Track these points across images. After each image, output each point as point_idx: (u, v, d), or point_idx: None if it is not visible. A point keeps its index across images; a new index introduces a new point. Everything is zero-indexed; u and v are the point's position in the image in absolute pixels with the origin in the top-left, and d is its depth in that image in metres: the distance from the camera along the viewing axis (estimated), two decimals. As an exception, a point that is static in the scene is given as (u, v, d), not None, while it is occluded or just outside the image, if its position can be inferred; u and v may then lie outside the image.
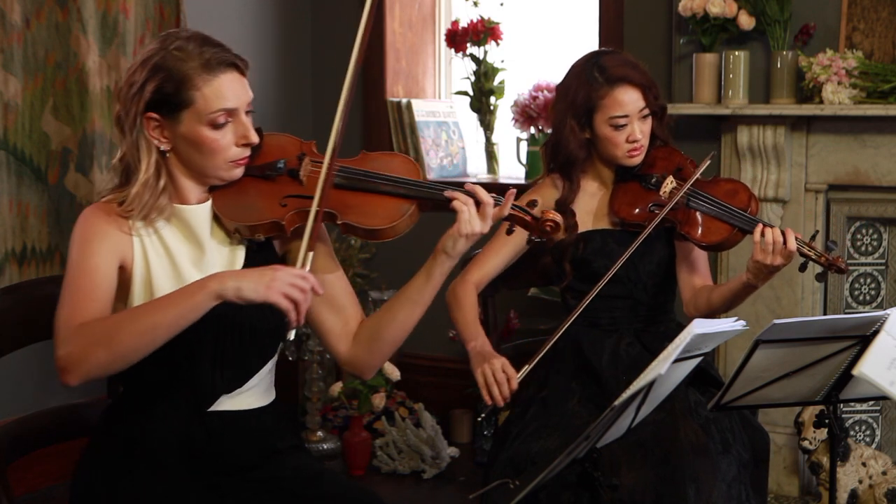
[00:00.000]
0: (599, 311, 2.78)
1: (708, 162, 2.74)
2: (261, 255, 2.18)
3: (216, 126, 2.07)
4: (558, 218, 2.14)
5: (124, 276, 2.10)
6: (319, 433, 4.31)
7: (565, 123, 2.77)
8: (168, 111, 2.06)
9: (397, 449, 4.14)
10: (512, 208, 2.12)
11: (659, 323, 2.83)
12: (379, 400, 4.16)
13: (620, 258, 2.68)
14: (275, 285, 1.94)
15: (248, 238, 2.14)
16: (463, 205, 2.08)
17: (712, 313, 2.80)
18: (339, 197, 2.12)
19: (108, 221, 2.09)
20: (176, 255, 2.12)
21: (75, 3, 3.85)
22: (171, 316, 1.96)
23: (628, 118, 2.73)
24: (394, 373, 4.20)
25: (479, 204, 2.09)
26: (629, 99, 2.72)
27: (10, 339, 2.28)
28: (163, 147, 2.09)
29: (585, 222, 2.81)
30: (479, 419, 2.80)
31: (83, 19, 3.87)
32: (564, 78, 2.83)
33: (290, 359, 4.29)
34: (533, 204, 2.16)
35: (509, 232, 2.23)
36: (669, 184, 2.76)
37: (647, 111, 2.76)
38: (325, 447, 4.29)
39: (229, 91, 2.07)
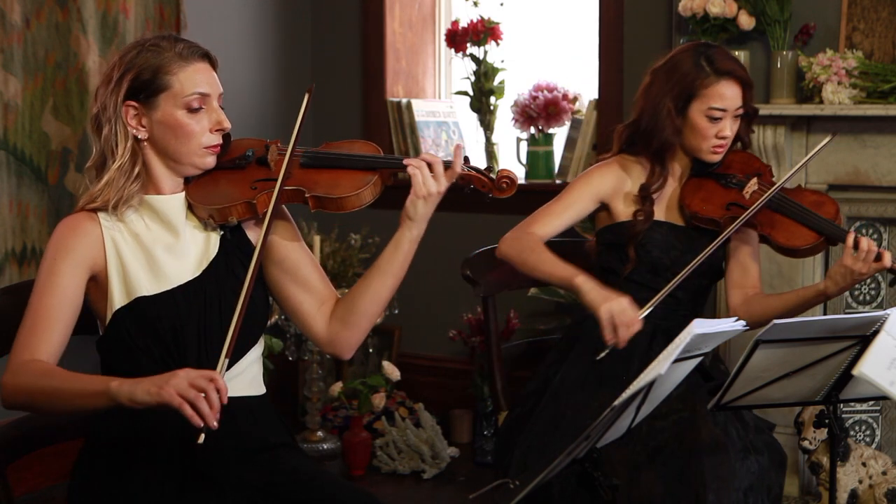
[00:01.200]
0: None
1: (828, 140, 2.76)
2: (234, 243, 2.25)
3: (191, 110, 2.17)
4: (513, 175, 2.25)
5: (100, 280, 2.17)
6: (319, 433, 4.31)
7: (663, 105, 2.76)
8: (146, 97, 2.16)
9: (397, 449, 4.14)
10: (468, 169, 2.25)
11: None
12: (379, 400, 4.16)
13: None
14: (170, 384, 1.92)
15: (221, 223, 2.23)
16: (416, 168, 2.20)
17: (766, 321, 2.80)
18: (306, 175, 2.25)
19: (78, 234, 2.17)
20: (149, 245, 2.19)
21: (75, 3, 3.85)
22: (79, 403, 2.03)
23: (725, 112, 2.74)
24: (394, 373, 4.20)
25: (431, 167, 2.21)
26: (731, 94, 2.74)
27: (10, 339, 2.27)
28: (140, 135, 2.18)
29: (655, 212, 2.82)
30: (599, 358, 2.60)
31: (83, 19, 3.87)
32: (665, 62, 2.82)
33: (290, 359, 4.29)
34: (490, 169, 2.28)
35: (466, 191, 2.28)
36: (753, 185, 2.77)
37: (741, 111, 2.77)
38: (325, 447, 4.29)
39: (202, 78, 2.18)
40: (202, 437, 1.93)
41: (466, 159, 2.29)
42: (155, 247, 2.19)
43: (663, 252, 2.78)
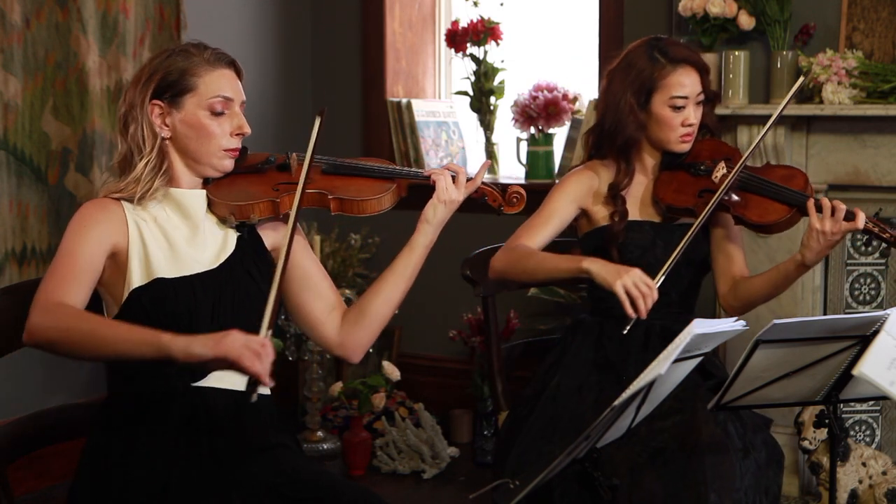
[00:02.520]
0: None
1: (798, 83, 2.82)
2: (250, 244, 2.31)
3: (214, 112, 2.25)
4: (523, 191, 2.41)
5: (119, 260, 2.22)
6: (319, 433, 4.31)
7: (625, 102, 2.77)
8: (171, 97, 2.25)
9: (397, 449, 4.14)
10: (482, 184, 2.40)
11: (683, 321, 2.82)
12: (379, 400, 4.16)
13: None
14: (226, 339, 1.96)
15: (241, 220, 2.29)
16: (439, 175, 2.34)
17: (754, 302, 2.81)
18: (328, 180, 2.35)
19: (104, 211, 2.23)
20: (170, 234, 2.25)
21: (75, 3, 3.85)
22: (119, 349, 2.03)
23: (686, 100, 2.76)
24: (394, 373, 4.20)
25: (454, 175, 2.35)
26: (690, 81, 2.76)
27: (10, 339, 2.28)
28: (163, 133, 2.26)
29: (629, 211, 2.82)
30: (625, 332, 2.62)
31: (83, 19, 3.87)
32: (620, 61, 2.83)
33: (290, 359, 4.30)
34: (504, 187, 2.43)
35: (481, 202, 2.43)
36: (721, 169, 2.77)
37: (702, 96, 2.79)
38: (325, 447, 4.29)
39: (226, 83, 2.27)
40: (255, 396, 1.99)
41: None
42: (176, 235, 2.25)
43: (645, 251, 2.78)
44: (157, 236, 2.23)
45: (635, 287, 2.55)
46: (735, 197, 2.74)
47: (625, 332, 2.59)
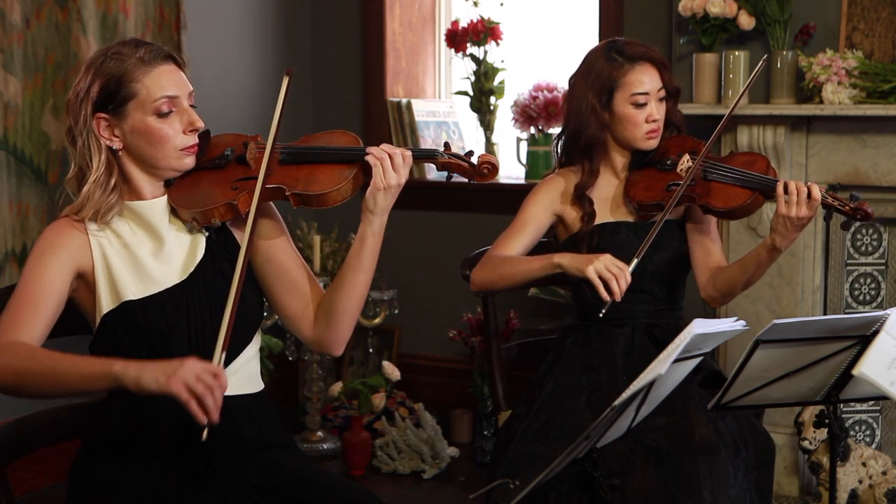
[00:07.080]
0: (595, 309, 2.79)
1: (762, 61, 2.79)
2: (220, 243, 2.26)
3: (161, 115, 2.16)
4: (494, 160, 2.29)
5: (87, 281, 2.18)
6: (319, 433, 4.31)
7: (586, 103, 2.80)
8: (115, 107, 2.16)
9: (397, 449, 4.15)
10: (449, 157, 2.28)
11: (669, 318, 2.84)
12: (379, 400, 4.16)
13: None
14: (178, 374, 1.92)
15: (205, 225, 2.22)
16: (377, 160, 2.21)
17: (733, 290, 2.80)
18: (286, 172, 2.23)
19: (64, 236, 2.18)
20: (135, 250, 2.19)
21: (75, 3, 3.85)
22: (77, 385, 2.02)
23: (648, 96, 2.78)
24: (394, 373, 4.20)
25: (392, 158, 2.22)
26: (648, 77, 2.78)
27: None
28: (115, 146, 2.19)
29: (600, 213, 2.83)
30: (601, 315, 2.59)
31: (83, 19, 3.87)
32: (580, 66, 2.88)
33: (290, 359, 4.29)
34: (470, 154, 2.30)
35: (448, 178, 2.32)
36: (686, 162, 2.79)
37: (664, 92, 2.81)
38: (325, 447, 4.29)
39: (168, 80, 2.17)
40: (206, 434, 1.93)
41: (447, 146, 2.31)
42: (141, 251, 2.19)
43: (618, 250, 2.78)
44: (121, 255, 2.18)
45: (607, 270, 2.57)
46: (700, 188, 2.75)
47: (601, 314, 2.60)
